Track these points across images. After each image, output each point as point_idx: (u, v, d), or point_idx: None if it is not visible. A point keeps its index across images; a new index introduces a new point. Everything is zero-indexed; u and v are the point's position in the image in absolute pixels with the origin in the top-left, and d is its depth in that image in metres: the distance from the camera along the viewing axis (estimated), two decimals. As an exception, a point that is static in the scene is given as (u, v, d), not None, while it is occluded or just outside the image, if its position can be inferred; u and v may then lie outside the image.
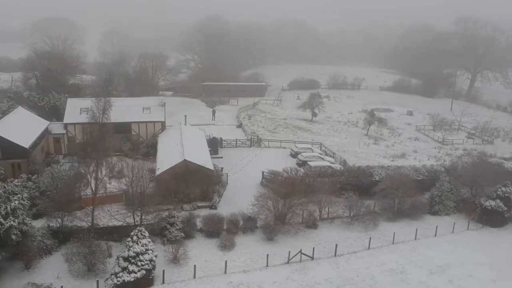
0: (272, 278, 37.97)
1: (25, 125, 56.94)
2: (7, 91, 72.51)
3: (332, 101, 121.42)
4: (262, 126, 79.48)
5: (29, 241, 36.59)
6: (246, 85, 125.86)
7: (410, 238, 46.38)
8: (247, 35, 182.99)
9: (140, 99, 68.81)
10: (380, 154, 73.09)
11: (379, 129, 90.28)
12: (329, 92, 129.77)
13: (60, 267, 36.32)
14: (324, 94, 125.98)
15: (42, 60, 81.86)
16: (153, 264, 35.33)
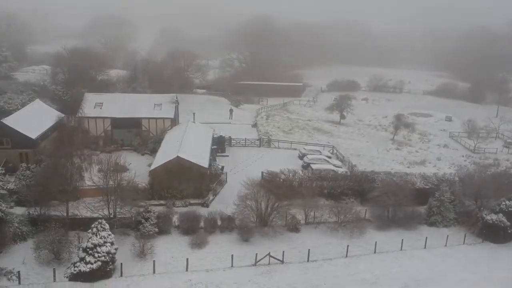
0: (234, 279, 37.70)
1: (38, 117, 59.84)
2: (34, 84, 76.68)
3: (370, 103, 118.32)
4: (278, 127, 78.81)
5: (5, 226, 38.54)
6: (282, 85, 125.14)
7: (395, 248, 44.34)
8: (297, 35, 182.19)
9: (152, 96, 70.43)
10: (397, 160, 70.34)
11: (408, 134, 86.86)
12: (369, 95, 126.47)
13: (30, 253, 37.89)
14: (362, 97, 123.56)
15: (71, 56, 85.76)
16: (110, 256, 36.11)
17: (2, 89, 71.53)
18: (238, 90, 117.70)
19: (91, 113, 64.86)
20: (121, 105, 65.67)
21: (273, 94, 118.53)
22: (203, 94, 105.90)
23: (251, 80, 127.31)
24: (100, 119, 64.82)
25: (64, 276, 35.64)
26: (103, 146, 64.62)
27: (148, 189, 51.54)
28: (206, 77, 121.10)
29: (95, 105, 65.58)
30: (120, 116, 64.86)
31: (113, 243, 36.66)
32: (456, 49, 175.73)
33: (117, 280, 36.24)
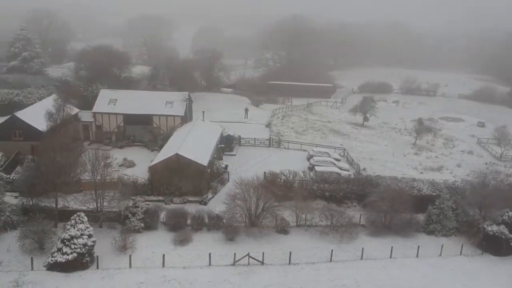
0: (209, 278, 37.70)
1: (51, 112, 61.75)
2: (56, 80, 79.49)
3: (400, 106, 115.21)
4: (292, 127, 77.95)
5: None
6: (311, 85, 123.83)
7: (385, 255, 42.96)
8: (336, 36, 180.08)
9: (165, 93, 71.36)
10: (412, 165, 68.05)
11: (433, 139, 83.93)
12: (401, 97, 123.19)
13: (16, 242, 39.31)
14: (393, 99, 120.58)
15: (94, 53, 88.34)
16: (87, 248, 36.94)
17: (26, 84, 74.59)
18: (267, 89, 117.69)
19: (105, 109, 66.63)
20: (134, 102, 66.98)
21: (303, 94, 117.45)
22: (226, 93, 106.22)
23: (282, 80, 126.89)
24: (113, 115, 66.38)
25: (42, 265, 36.76)
26: (115, 142, 66.18)
27: (147, 184, 52.36)
28: (229, 76, 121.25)
29: (109, 101, 67.21)
30: (132, 113, 66.24)
31: (90, 236, 37.48)
32: (498, 51, 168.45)
33: (92, 272, 37.05)
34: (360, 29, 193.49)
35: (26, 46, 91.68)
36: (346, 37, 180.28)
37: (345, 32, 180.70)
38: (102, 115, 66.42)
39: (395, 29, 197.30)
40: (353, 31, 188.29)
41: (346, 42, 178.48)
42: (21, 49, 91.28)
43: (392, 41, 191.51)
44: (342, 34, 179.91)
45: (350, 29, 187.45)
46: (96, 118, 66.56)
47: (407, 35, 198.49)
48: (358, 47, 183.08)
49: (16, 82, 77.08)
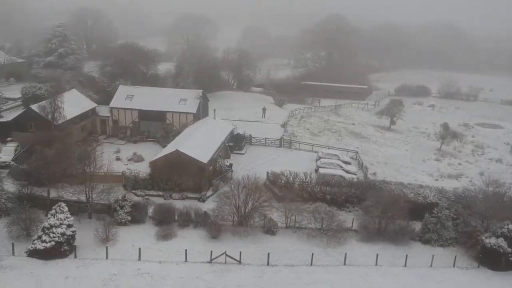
0: (182, 274, 37.92)
1: (69, 106, 63.87)
2: (81, 76, 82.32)
3: (436, 111, 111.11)
4: (307, 128, 76.79)
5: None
6: (345, 86, 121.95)
7: (372, 262, 41.60)
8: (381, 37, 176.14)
9: (180, 91, 72.23)
10: (428, 172, 65.45)
11: (462, 145, 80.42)
12: (439, 102, 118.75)
13: (3, 228, 41.12)
14: (429, 103, 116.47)
15: (120, 50, 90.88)
16: (65, 237, 38.10)
17: (55, 79, 77.88)
18: (300, 90, 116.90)
19: (122, 104, 68.50)
20: (149, 98, 68.43)
21: (336, 95, 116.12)
22: (255, 92, 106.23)
23: (318, 81, 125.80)
24: (129, 110, 68.12)
25: (24, 252, 38.29)
26: (130, 136, 67.85)
27: (148, 179, 53.33)
28: (262, 75, 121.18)
29: (127, 97, 69.01)
30: (147, 109, 67.74)
31: (70, 226, 38.64)
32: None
33: (70, 261, 38.20)
34: (406, 30, 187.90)
35: (62, 42, 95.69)
36: (391, 39, 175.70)
37: (390, 33, 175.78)
38: (118, 110, 68.32)
39: (443, 30, 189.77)
40: (399, 32, 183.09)
41: (391, 44, 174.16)
42: (58, 45, 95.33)
43: (440, 42, 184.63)
44: (387, 35, 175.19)
45: (396, 30, 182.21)
46: (112, 113, 68.49)
47: (457, 37, 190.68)
48: (403, 49, 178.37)
49: (47, 76, 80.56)
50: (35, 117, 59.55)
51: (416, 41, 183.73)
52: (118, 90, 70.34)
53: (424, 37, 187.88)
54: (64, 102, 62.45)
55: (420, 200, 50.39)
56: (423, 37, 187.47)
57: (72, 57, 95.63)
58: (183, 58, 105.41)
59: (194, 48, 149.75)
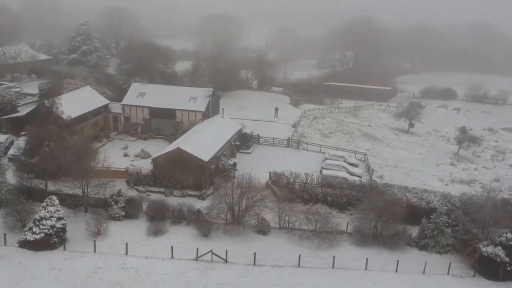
0: (166, 270, 38.21)
1: (81, 101, 65.69)
2: (98, 73, 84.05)
3: (460, 114, 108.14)
4: (318, 129, 75.87)
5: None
6: (368, 88, 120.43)
7: (361, 267, 40.82)
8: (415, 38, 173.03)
9: (191, 89, 72.63)
10: (440, 176, 63.72)
11: (480, 150, 78.10)
12: (465, 105, 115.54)
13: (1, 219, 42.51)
14: (454, 106, 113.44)
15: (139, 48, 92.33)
16: (55, 230, 39.01)
17: (71, 74, 79.97)
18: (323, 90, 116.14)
19: (134, 101, 69.57)
20: (160, 96, 69.26)
21: (359, 97, 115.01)
22: (274, 92, 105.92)
23: (343, 81, 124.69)
24: (140, 107, 69.14)
25: (16, 242, 39.46)
26: (141, 133, 68.85)
27: (150, 176, 54.00)
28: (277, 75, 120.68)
29: (138, 94, 70.08)
30: (157, 106, 68.58)
31: (60, 219, 39.53)
32: None
33: (58, 253, 39.13)
34: (439, 31, 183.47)
35: (85, 40, 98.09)
36: (423, 40, 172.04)
37: (421, 34, 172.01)
38: (130, 107, 69.45)
39: (478, 30, 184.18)
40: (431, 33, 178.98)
41: (423, 45, 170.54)
42: (81, 43, 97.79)
43: (474, 44, 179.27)
44: (419, 36, 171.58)
45: (428, 31, 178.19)
46: (124, 110, 69.66)
47: (492, 38, 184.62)
48: (435, 51, 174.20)
49: (66, 73, 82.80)
50: (46, 112, 60.99)
51: (449, 42, 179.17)
52: (131, 88, 71.51)
53: (457, 38, 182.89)
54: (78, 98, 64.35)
55: (423, 205, 49.07)
56: (457, 38, 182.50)
57: (95, 55, 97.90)
58: (200, 57, 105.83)
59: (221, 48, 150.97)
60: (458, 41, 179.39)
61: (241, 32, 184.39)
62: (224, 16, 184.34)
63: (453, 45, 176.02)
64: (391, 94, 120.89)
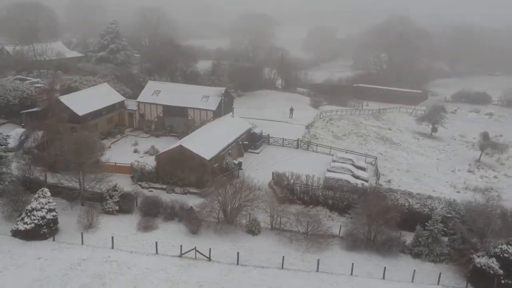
0: (149, 265, 38.65)
1: (97, 98, 67.54)
2: (119, 70, 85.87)
3: (492, 120, 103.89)
4: (332, 131, 74.62)
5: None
6: (397, 90, 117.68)
7: (347, 272, 39.97)
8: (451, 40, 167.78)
9: (203, 88, 73.15)
10: (453, 183, 61.54)
11: (506, 158, 74.87)
12: (499, 110, 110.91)
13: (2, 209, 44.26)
14: (487, 111, 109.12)
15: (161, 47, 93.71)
16: (45, 221, 40.25)
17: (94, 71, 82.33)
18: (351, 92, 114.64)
19: (148, 99, 70.93)
20: (174, 94, 70.31)
21: (388, 99, 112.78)
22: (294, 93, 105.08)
23: (374, 83, 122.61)
24: (154, 105, 70.37)
25: (9, 231, 41.03)
26: (154, 130, 70.07)
27: (153, 172, 54.90)
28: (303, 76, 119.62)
29: (153, 92, 71.34)
30: (170, 104, 69.63)
31: (51, 210, 40.75)
32: None
33: (47, 243, 40.36)
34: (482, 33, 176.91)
35: (114, 39, 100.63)
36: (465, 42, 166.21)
37: (464, 36, 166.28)
38: (145, 105, 70.82)
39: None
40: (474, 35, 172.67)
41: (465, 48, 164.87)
42: (109, 41, 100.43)
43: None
44: (462, 38, 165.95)
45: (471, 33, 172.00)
46: (139, 107, 71.05)
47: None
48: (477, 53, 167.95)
49: (89, 70, 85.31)
50: (62, 108, 63.16)
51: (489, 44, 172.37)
52: (147, 85, 72.90)
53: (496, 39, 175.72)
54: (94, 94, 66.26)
55: (426, 212, 47.55)
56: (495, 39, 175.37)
57: (123, 53, 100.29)
58: (222, 56, 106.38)
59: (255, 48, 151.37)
60: (498, 42, 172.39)
61: (276, 32, 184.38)
62: (260, 16, 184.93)
63: (493, 47, 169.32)
64: (422, 98, 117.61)
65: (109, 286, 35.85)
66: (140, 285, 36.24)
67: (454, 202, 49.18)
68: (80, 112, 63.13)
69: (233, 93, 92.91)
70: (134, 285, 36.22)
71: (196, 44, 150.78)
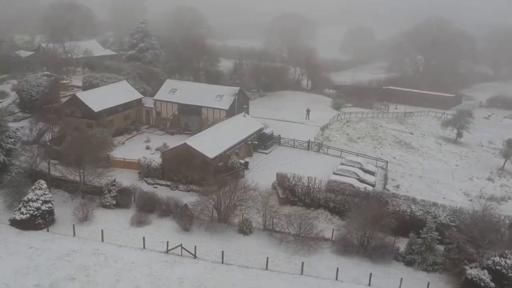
0: (135, 259, 39.37)
1: (114, 95, 69.29)
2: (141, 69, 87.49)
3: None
4: (347, 133, 73.16)
5: (4, 173, 47.94)
6: (428, 94, 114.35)
7: (332, 276, 39.30)
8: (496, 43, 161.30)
9: (217, 87, 73.63)
10: (468, 190, 59.30)
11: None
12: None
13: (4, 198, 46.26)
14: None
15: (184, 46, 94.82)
16: (40, 212, 41.75)
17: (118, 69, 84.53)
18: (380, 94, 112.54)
19: (165, 97, 72.17)
20: (189, 93, 71.27)
21: (419, 103, 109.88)
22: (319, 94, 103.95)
23: (408, 86, 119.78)
24: (170, 103, 71.52)
25: (7, 220, 42.86)
26: (169, 128, 71.25)
27: (159, 169, 55.90)
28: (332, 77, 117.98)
29: (170, 90, 72.54)
30: (185, 103, 70.59)
31: (46, 202, 42.24)
32: None
33: (41, 234, 41.87)
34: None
35: (143, 38, 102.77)
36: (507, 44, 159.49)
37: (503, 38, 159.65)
38: (161, 103, 72.09)
39: None
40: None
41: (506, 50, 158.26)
42: (139, 40, 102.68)
43: None
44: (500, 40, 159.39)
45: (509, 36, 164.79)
46: (156, 105, 72.40)
47: None
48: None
49: (114, 68, 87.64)
50: (79, 104, 65.35)
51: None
52: (164, 84, 74.23)
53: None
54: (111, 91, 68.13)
55: (429, 219, 46.01)
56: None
57: (151, 52, 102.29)
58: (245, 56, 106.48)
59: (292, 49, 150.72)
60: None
61: (313, 33, 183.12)
62: (296, 16, 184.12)
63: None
64: (455, 102, 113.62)
65: (92, 278, 36.74)
66: (122, 279, 36.96)
67: (459, 210, 47.31)
68: (96, 108, 64.89)
69: (255, 93, 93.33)
70: (117, 278, 36.95)
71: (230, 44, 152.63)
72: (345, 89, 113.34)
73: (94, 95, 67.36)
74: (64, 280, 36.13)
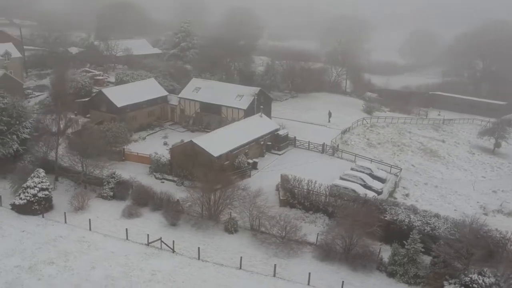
0: (114, 249, 40.88)
1: (140, 92, 71.80)
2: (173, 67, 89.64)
3: None
4: (367, 138, 70.92)
5: (18, 160, 51.46)
6: (477, 101, 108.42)
7: (304, 281, 38.73)
8: None
9: (238, 87, 73.96)
10: (484, 204, 55.96)
11: None
12: None
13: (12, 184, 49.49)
14: None
15: (216, 45, 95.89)
16: (37, 198, 44.37)
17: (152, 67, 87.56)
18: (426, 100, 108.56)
19: (189, 95, 73.86)
20: (212, 92, 72.45)
21: (468, 110, 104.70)
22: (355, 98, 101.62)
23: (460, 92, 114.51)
24: (193, 101, 73.08)
25: (9, 204, 45.94)
26: (191, 125, 72.85)
27: (167, 164, 57.51)
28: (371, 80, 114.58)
29: (194, 89, 74.12)
30: (207, 101, 71.85)
31: (43, 189, 44.85)
32: None
33: (36, 219, 44.53)
34: None
35: (185, 37, 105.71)
36: None
37: None
38: (185, 101, 73.83)
39: None
40: None
41: None
42: (181, 40, 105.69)
43: None
44: None
45: None
46: (180, 102, 74.27)
47: None
48: None
49: (149, 66, 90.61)
50: (104, 99, 68.41)
51: None
52: (190, 82, 75.91)
53: None
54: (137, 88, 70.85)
55: (427, 230, 44.25)
56: None
57: (192, 51, 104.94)
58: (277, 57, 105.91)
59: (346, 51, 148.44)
60: None
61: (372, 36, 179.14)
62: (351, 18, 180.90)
63: None
64: (506, 110, 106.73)
65: (70, 263, 38.57)
66: (97, 266, 38.48)
67: (461, 223, 44.82)
68: (119, 103, 67.58)
69: (287, 94, 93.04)
70: (92, 266, 38.54)
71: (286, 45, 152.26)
72: (387, 93, 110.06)
73: (119, 91, 70.17)
74: (43, 263, 38.17)
